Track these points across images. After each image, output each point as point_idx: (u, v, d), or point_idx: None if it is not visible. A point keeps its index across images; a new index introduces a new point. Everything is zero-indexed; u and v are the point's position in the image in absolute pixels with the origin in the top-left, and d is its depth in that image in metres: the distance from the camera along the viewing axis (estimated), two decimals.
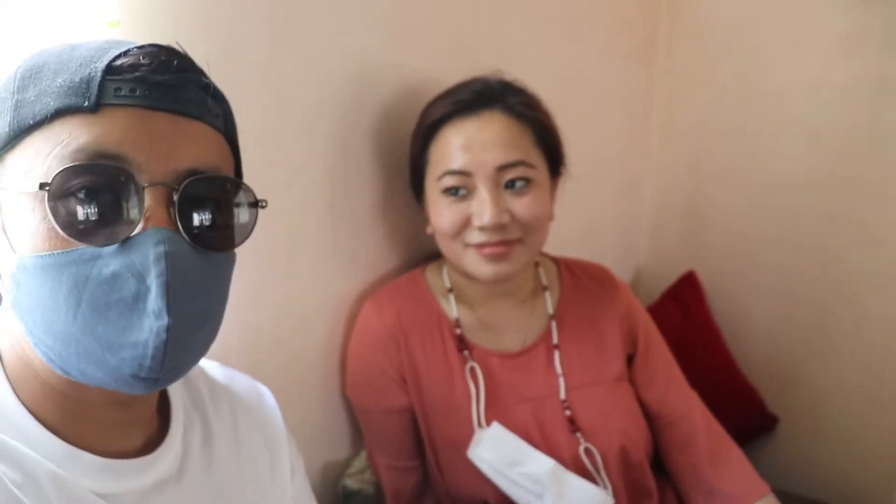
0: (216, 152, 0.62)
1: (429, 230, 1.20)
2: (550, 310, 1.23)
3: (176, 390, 0.74)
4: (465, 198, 1.10)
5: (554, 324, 1.22)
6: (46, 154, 0.55)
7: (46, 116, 0.56)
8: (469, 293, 1.22)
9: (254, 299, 1.07)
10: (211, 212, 0.61)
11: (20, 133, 0.57)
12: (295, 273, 1.15)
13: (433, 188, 1.13)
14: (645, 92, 1.96)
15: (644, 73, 1.93)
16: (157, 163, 0.57)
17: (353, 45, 1.16)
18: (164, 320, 0.54)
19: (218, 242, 0.62)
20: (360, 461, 1.28)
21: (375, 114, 1.23)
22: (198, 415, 0.76)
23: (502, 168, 1.08)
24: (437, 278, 1.25)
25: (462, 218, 1.10)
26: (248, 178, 0.66)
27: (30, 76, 0.58)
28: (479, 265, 1.11)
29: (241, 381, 0.85)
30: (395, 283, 1.26)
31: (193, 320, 0.58)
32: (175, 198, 0.57)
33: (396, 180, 1.28)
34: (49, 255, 0.55)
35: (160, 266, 0.55)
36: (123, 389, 0.58)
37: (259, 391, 0.86)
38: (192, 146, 0.59)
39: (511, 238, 1.10)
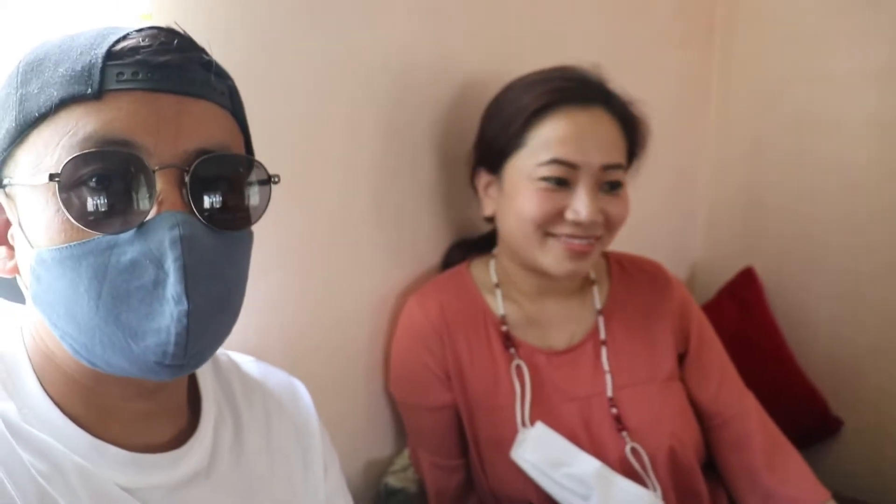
0: (224, 130, 0.62)
1: (487, 212, 1.18)
2: (598, 304, 1.20)
3: (207, 384, 0.74)
4: (562, 188, 1.07)
5: (601, 319, 1.19)
6: (55, 145, 0.55)
7: (51, 107, 0.56)
8: (519, 287, 1.20)
9: (296, 295, 1.07)
10: (223, 191, 0.60)
11: (27, 127, 0.57)
12: (337, 268, 1.14)
13: (527, 172, 1.09)
14: (701, 79, 1.90)
15: (700, 60, 1.88)
16: (166, 145, 0.56)
17: (398, 34, 1.15)
18: (184, 305, 0.54)
19: (233, 221, 0.61)
20: (403, 459, 1.27)
21: (423, 106, 1.22)
22: (229, 410, 0.75)
23: (606, 168, 1.07)
24: (483, 273, 1.23)
25: (555, 208, 1.07)
26: (290, 170, 0.65)
27: (31, 69, 0.58)
28: (558, 259, 1.09)
29: (275, 377, 0.84)
30: (439, 278, 1.24)
31: (214, 303, 0.58)
32: (186, 179, 0.57)
33: (443, 174, 1.26)
34: (66, 247, 0.55)
35: (176, 250, 0.54)
36: (149, 377, 0.58)
37: (293, 387, 0.85)
38: (200, 126, 0.59)
39: (597, 234, 1.09)
